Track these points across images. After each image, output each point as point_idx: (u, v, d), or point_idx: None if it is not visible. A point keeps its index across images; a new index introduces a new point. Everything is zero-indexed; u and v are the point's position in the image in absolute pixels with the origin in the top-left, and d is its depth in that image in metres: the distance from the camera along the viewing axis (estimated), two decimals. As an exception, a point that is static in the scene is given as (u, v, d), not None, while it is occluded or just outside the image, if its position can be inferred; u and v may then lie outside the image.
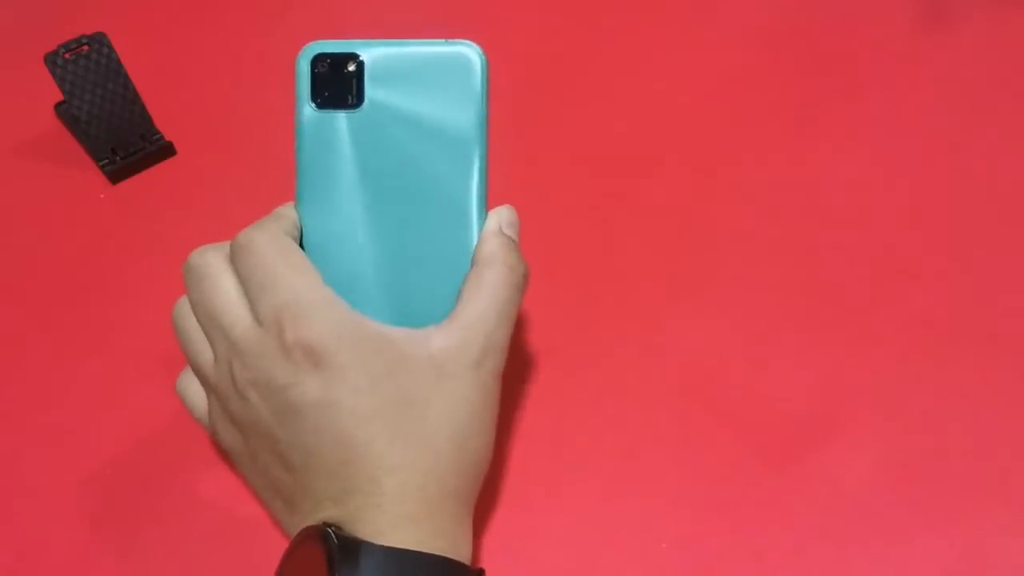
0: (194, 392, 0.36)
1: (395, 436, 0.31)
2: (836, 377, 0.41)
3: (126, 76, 0.51)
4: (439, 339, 0.32)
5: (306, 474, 0.31)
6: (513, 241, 0.34)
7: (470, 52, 0.33)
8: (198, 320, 0.34)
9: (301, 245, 0.34)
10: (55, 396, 0.43)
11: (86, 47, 0.50)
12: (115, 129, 0.52)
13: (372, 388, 0.31)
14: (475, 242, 0.34)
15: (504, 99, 0.56)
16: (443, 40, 0.33)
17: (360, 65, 0.34)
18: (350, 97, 0.34)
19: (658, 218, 0.48)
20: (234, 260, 0.33)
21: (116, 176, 0.53)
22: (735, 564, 0.35)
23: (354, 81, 0.34)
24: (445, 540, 0.31)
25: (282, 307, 0.31)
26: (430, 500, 0.31)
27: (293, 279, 0.32)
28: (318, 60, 0.34)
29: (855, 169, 0.50)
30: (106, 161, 0.53)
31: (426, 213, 0.34)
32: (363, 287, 0.34)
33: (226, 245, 0.34)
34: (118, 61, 0.51)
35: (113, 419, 0.42)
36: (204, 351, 0.34)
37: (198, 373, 0.35)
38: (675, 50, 0.58)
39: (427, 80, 0.33)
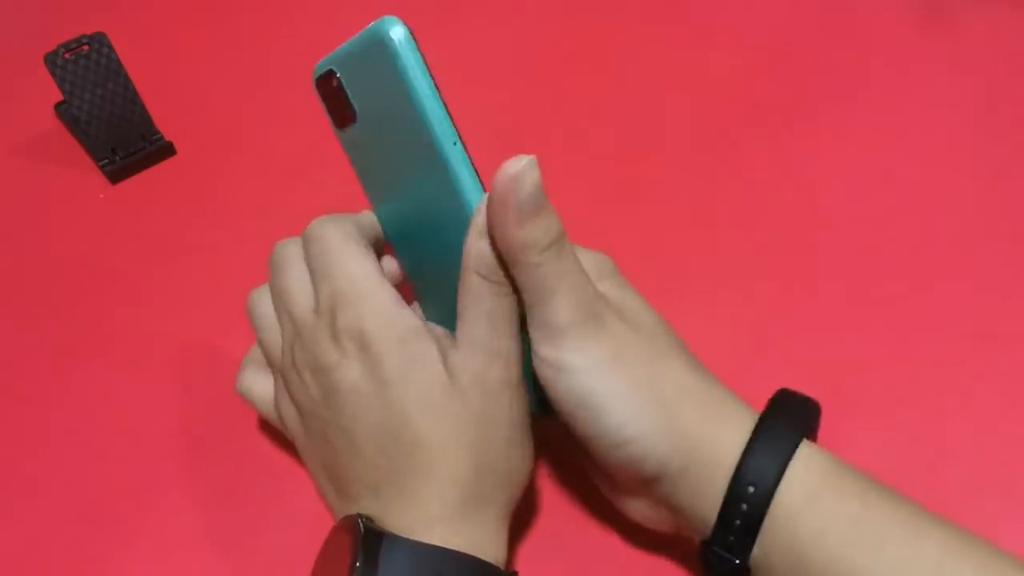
0: (258, 384, 0.37)
1: (423, 432, 0.31)
2: (836, 377, 0.41)
3: (126, 76, 0.51)
4: (453, 351, 0.33)
5: (350, 460, 0.32)
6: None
7: (380, 30, 0.30)
8: (273, 305, 0.36)
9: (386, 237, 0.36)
10: (55, 396, 0.43)
11: (86, 47, 0.50)
12: (115, 129, 0.52)
13: (403, 380, 0.31)
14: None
15: (505, 96, 0.56)
16: (368, 26, 0.31)
17: (339, 79, 0.32)
18: (349, 112, 0.33)
19: (657, 217, 0.48)
20: (304, 249, 0.35)
21: (116, 176, 0.53)
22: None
23: (344, 96, 0.32)
24: (475, 542, 0.31)
25: (336, 293, 0.32)
26: (458, 504, 0.31)
27: (350, 267, 0.33)
28: (320, 81, 0.33)
29: (855, 169, 0.50)
30: (106, 161, 0.53)
31: (430, 213, 0.33)
32: (430, 284, 0.35)
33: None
34: (118, 61, 0.51)
35: (113, 419, 0.42)
36: (274, 334, 0.35)
37: (267, 356, 0.36)
38: (675, 49, 0.58)
39: (371, 74, 0.31)
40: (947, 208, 0.47)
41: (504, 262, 0.30)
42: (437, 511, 0.31)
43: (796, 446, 0.29)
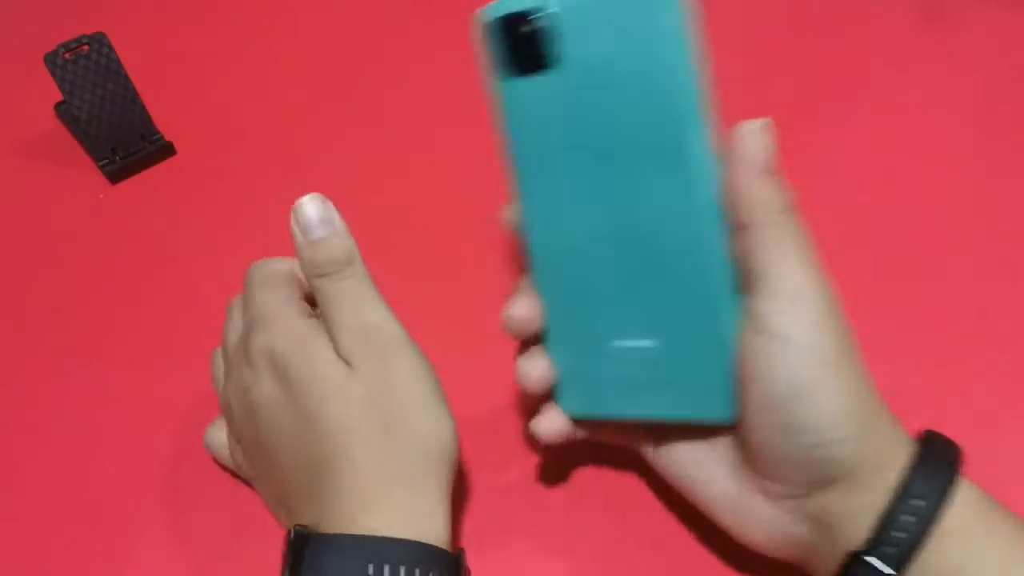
0: (216, 437, 0.38)
1: (330, 422, 0.32)
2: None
3: (126, 76, 0.51)
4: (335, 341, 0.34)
5: (284, 473, 0.34)
6: None
7: None
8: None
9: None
10: (55, 396, 0.43)
11: (86, 47, 0.50)
12: (115, 129, 0.52)
13: (307, 380, 0.32)
14: (707, 205, 0.29)
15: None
16: None
17: (550, 18, 0.29)
18: (545, 58, 0.29)
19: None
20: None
21: (116, 176, 0.53)
22: (736, 566, 0.35)
23: (543, 40, 0.29)
24: (412, 524, 0.30)
25: (251, 321, 0.35)
26: (386, 485, 0.31)
27: (265, 295, 0.35)
28: (502, 23, 0.30)
29: (854, 169, 0.50)
30: (106, 161, 0.53)
31: (655, 184, 0.29)
32: (603, 283, 0.31)
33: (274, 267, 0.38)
34: (118, 61, 0.51)
35: (113, 419, 0.42)
36: (221, 384, 0.38)
37: (220, 405, 0.38)
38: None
39: (619, 25, 0.28)
40: (947, 208, 0.47)
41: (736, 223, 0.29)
42: (370, 497, 0.31)
43: (957, 474, 0.29)
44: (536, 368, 0.33)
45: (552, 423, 0.34)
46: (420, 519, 0.31)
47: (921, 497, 0.28)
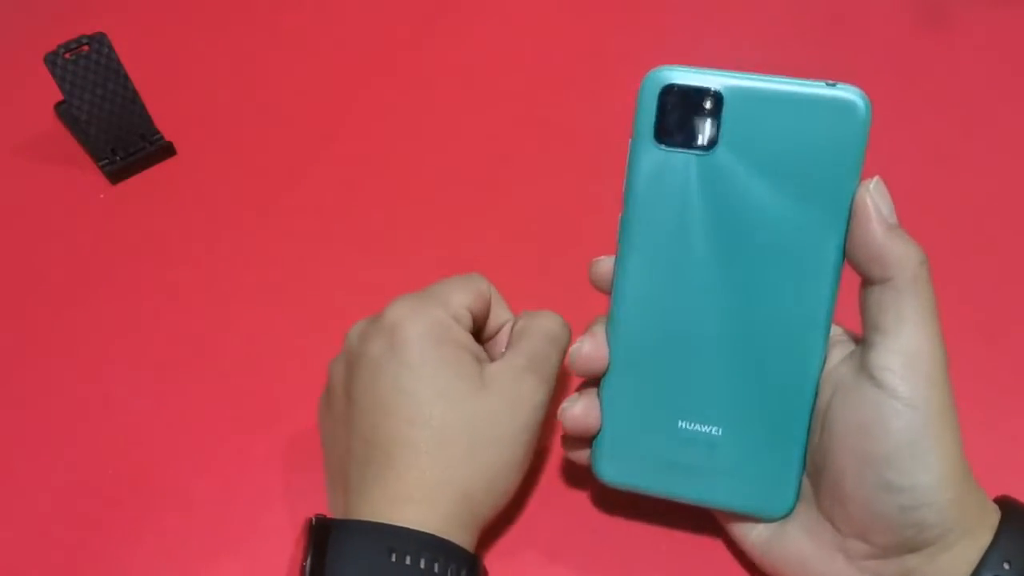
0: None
1: (416, 417, 0.32)
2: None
3: (126, 76, 0.51)
4: (495, 363, 0.35)
5: (348, 433, 0.34)
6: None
7: (855, 99, 0.29)
8: None
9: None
10: (54, 396, 0.43)
11: (86, 47, 0.50)
12: (115, 129, 0.52)
13: (421, 364, 0.33)
14: (824, 326, 0.30)
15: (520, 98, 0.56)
16: (821, 81, 0.29)
17: (719, 101, 0.29)
18: (701, 137, 0.29)
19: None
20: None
21: (116, 176, 0.53)
22: (735, 565, 0.35)
23: (709, 119, 0.29)
24: (442, 530, 0.31)
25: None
26: (432, 487, 0.32)
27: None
28: (667, 91, 0.30)
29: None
30: (106, 161, 0.53)
31: (773, 283, 0.30)
32: (684, 361, 0.31)
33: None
34: (118, 61, 0.51)
35: (113, 419, 0.42)
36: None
37: None
38: (674, 49, 0.58)
39: (799, 126, 0.29)
40: (946, 207, 0.47)
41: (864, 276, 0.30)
42: (412, 492, 0.31)
43: None
44: (579, 408, 0.33)
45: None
46: (455, 531, 0.32)
47: (1008, 560, 0.28)
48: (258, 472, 0.39)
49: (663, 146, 0.30)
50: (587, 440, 0.34)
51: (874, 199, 0.29)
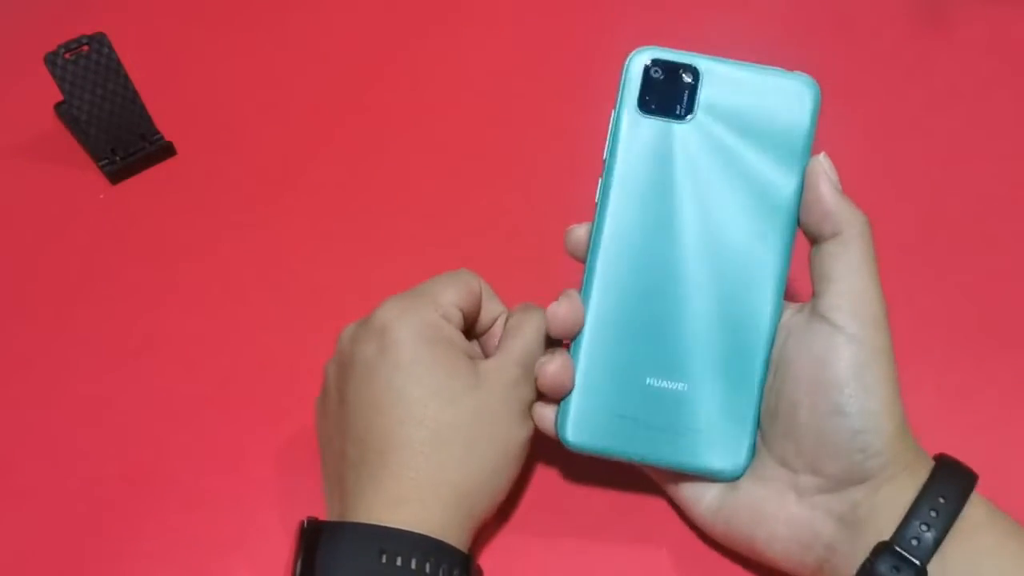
0: None
1: (409, 418, 0.32)
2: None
3: (126, 76, 0.51)
4: (488, 361, 0.35)
5: (342, 434, 0.34)
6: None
7: (808, 85, 0.33)
8: None
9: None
10: (54, 396, 0.43)
11: (86, 47, 0.50)
12: (115, 129, 0.52)
13: (412, 366, 0.33)
14: (778, 286, 0.34)
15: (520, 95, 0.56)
16: (779, 68, 0.33)
17: (697, 76, 0.33)
18: (679, 108, 0.33)
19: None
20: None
21: (116, 176, 0.53)
22: (735, 567, 0.35)
23: (687, 92, 0.33)
24: (434, 525, 0.31)
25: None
26: (426, 487, 0.32)
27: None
28: (653, 65, 0.33)
29: (853, 169, 0.50)
30: (106, 161, 0.53)
31: (734, 247, 0.33)
32: (654, 319, 0.34)
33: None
34: (118, 61, 0.51)
35: (113, 419, 0.42)
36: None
37: None
38: (673, 47, 0.58)
39: (761, 104, 0.33)
40: (946, 208, 0.47)
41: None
42: (407, 492, 0.31)
43: (974, 479, 0.32)
44: (555, 364, 0.33)
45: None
46: (450, 531, 0.32)
47: (943, 495, 0.30)
48: (258, 472, 0.39)
49: (646, 114, 0.33)
50: (557, 401, 0.34)
51: (824, 167, 0.33)
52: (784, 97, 0.33)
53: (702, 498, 0.34)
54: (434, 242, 0.48)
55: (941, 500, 0.30)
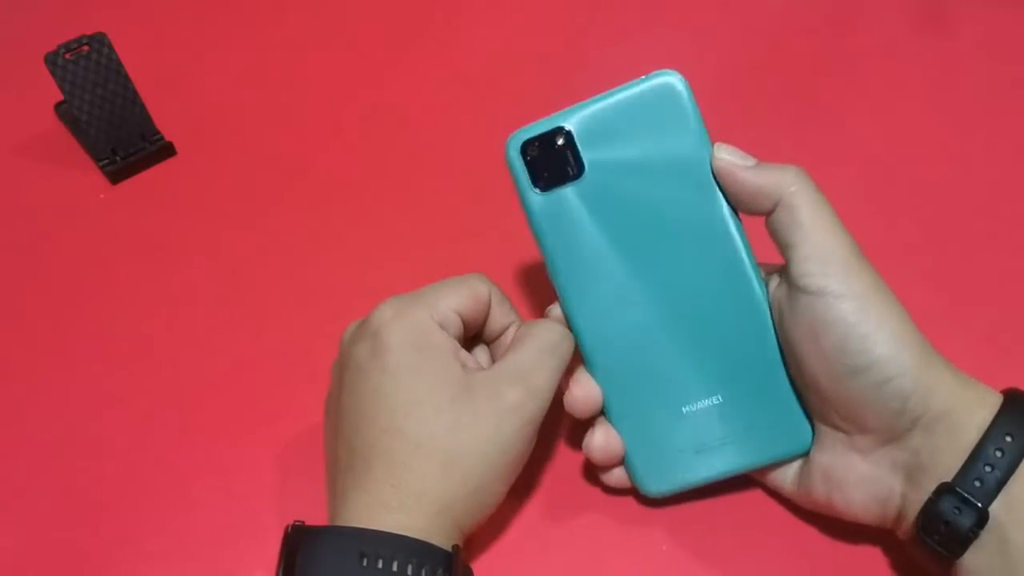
0: None
1: (390, 426, 0.32)
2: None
3: (126, 76, 0.51)
4: (481, 372, 0.34)
5: (334, 437, 0.34)
6: None
7: (670, 80, 0.33)
8: None
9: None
10: (54, 396, 0.43)
11: (86, 47, 0.50)
12: (115, 129, 0.52)
13: (397, 372, 0.33)
14: (750, 268, 0.33)
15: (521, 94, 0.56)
16: (639, 79, 0.33)
17: (569, 135, 0.33)
18: (569, 169, 0.33)
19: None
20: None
21: (116, 176, 0.53)
22: (735, 567, 0.35)
23: (568, 153, 0.33)
24: (419, 533, 0.31)
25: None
26: (407, 497, 0.31)
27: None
28: (527, 146, 0.34)
29: (854, 169, 0.50)
30: (106, 161, 0.53)
31: (690, 256, 0.33)
32: (659, 358, 0.34)
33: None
34: (118, 61, 0.51)
35: (113, 419, 0.42)
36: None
37: None
38: (672, 49, 0.58)
39: (639, 123, 0.33)
40: (946, 208, 0.47)
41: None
42: (388, 500, 0.31)
43: None
44: (599, 438, 0.34)
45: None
46: (432, 537, 0.31)
47: (1011, 433, 0.29)
48: (258, 472, 0.39)
49: (545, 190, 0.34)
50: (616, 465, 0.36)
51: (726, 155, 0.32)
52: (655, 103, 0.33)
53: (785, 480, 0.35)
54: (437, 242, 0.48)
55: (1008, 439, 0.29)
